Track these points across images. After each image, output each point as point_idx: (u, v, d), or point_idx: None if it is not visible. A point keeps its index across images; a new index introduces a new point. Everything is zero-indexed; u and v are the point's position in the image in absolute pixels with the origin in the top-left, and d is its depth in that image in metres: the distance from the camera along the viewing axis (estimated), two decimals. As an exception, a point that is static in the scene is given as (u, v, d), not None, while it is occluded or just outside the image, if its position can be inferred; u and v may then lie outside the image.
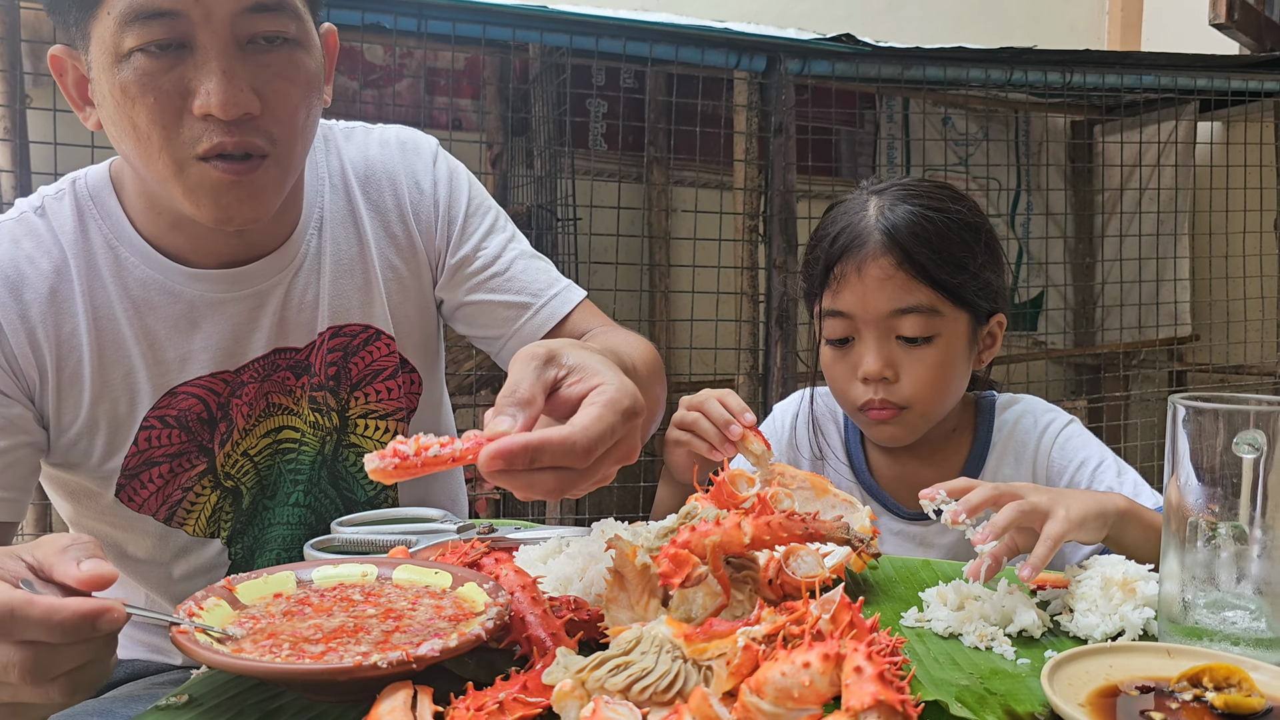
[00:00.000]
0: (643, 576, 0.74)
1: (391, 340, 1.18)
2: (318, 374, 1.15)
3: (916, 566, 1.00)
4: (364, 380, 1.18)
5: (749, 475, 0.82)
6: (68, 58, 1.00)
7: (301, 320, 1.13)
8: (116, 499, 1.09)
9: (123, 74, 0.92)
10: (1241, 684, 0.69)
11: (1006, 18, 3.79)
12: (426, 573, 0.81)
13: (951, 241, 1.21)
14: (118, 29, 0.91)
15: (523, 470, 0.67)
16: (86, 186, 1.09)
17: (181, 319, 1.08)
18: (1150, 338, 3.30)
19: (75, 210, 1.07)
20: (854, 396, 1.25)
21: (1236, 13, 2.98)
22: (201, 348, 1.08)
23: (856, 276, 1.21)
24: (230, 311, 1.09)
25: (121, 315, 1.06)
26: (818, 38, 2.58)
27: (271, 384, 1.13)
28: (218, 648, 0.67)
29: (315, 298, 1.14)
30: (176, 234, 1.07)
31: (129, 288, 1.07)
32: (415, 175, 1.20)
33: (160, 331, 1.07)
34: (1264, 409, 0.76)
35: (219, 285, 1.09)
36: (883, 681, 0.56)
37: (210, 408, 1.10)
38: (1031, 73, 2.77)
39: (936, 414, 1.26)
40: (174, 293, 1.07)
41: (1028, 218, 3.60)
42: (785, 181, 2.57)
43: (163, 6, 0.90)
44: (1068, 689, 0.69)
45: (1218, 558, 0.78)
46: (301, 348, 1.14)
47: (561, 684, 0.62)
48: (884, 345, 1.21)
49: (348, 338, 1.16)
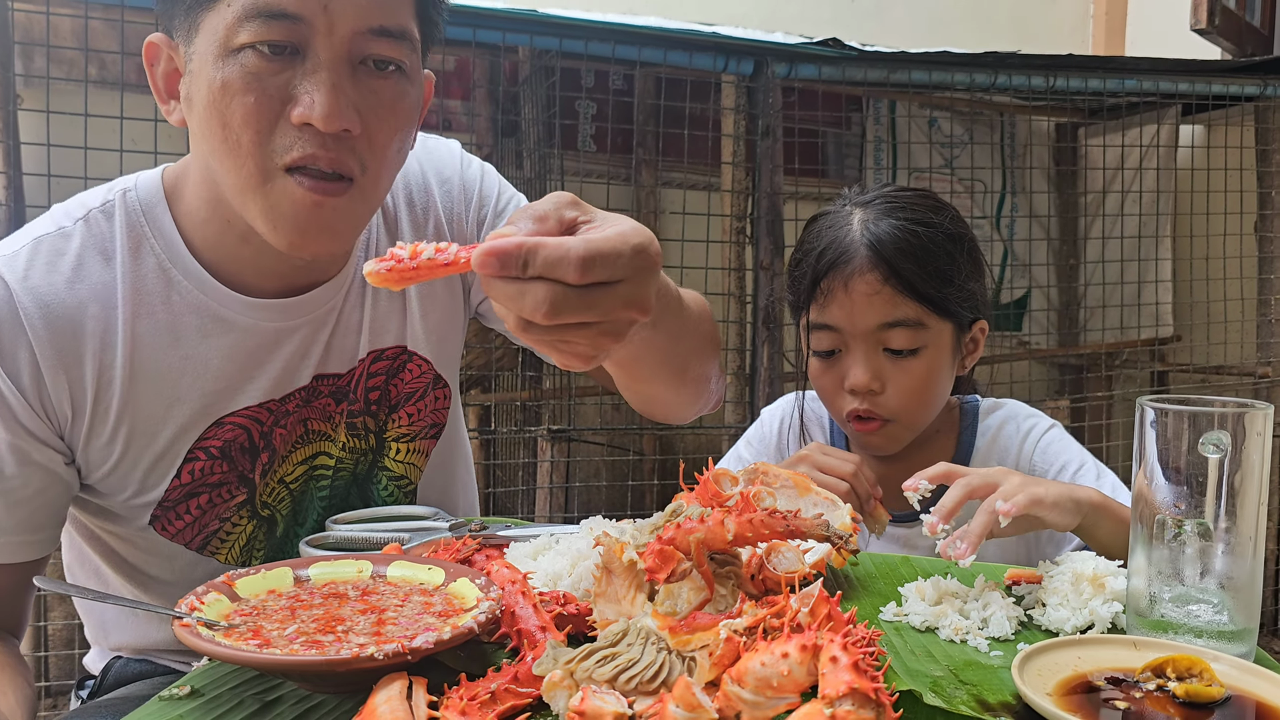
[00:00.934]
0: (629, 572, 0.76)
1: (425, 361, 1.17)
2: (358, 400, 1.12)
3: (896, 563, 1.02)
4: (400, 402, 1.16)
5: (732, 474, 0.85)
6: (165, 47, 0.95)
7: (346, 346, 1.10)
8: (149, 526, 1.06)
9: (228, 69, 0.88)
10: (1203, 674, 0.72)
11: (992, 21, 3.83)
12: (420, 569, 0.83)
13: (936, 255, 1.23)
14: (235, 22, 0.87)
15: (515, 278, 0.65)
16: (139, 199, 1.02)
17: (236, 349, 1.03)
18: (1133, 338, 3.34)
19: (126, 227, 1.01)
20: (841, 406, 1.27)
21: (1218, 18, 3.02)
22: (253, 379, 1.04)
23: (843, 292, 1.23)
24: (285, 342, 1.05)
25: (169, 344, 1.01)
26: (804, 41, 2.61)
27: (312, 410, 1.10)
28: (219, 640, 0.69)
29: (359, 322, 1.11)
30: (239, 252, 1.01)
31: (179, 314, 1.01)
32: (448, 184, 1.18)
33: (212, 361, 1.02)
34: (1228, 411, 0.79)
35: (277, 314, 1.04)
36: (857, 670, 0.58)
37: (253, 436, 1.06)
38: (1016, 76, 2.80)
39: (921, 423, 1.29)
40: (228, 321, 1.02)
41: (1012, 219, 3.63)
42: (772, 183, 2.60)
43: (288, 8, 0.87)
44: (1037, 679, 0.72)
45: (1183, 554, 0.81)
46: (344, 373, 1.11)
47: (551, 674, 0.64)
48: (871, 358, 1.23)
49: (388, 361, 1.14)
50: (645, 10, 3.20)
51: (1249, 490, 0.79)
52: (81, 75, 2.31)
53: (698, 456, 2.99)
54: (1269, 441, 0.80)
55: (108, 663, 1.21)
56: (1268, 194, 3.11)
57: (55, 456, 0.99)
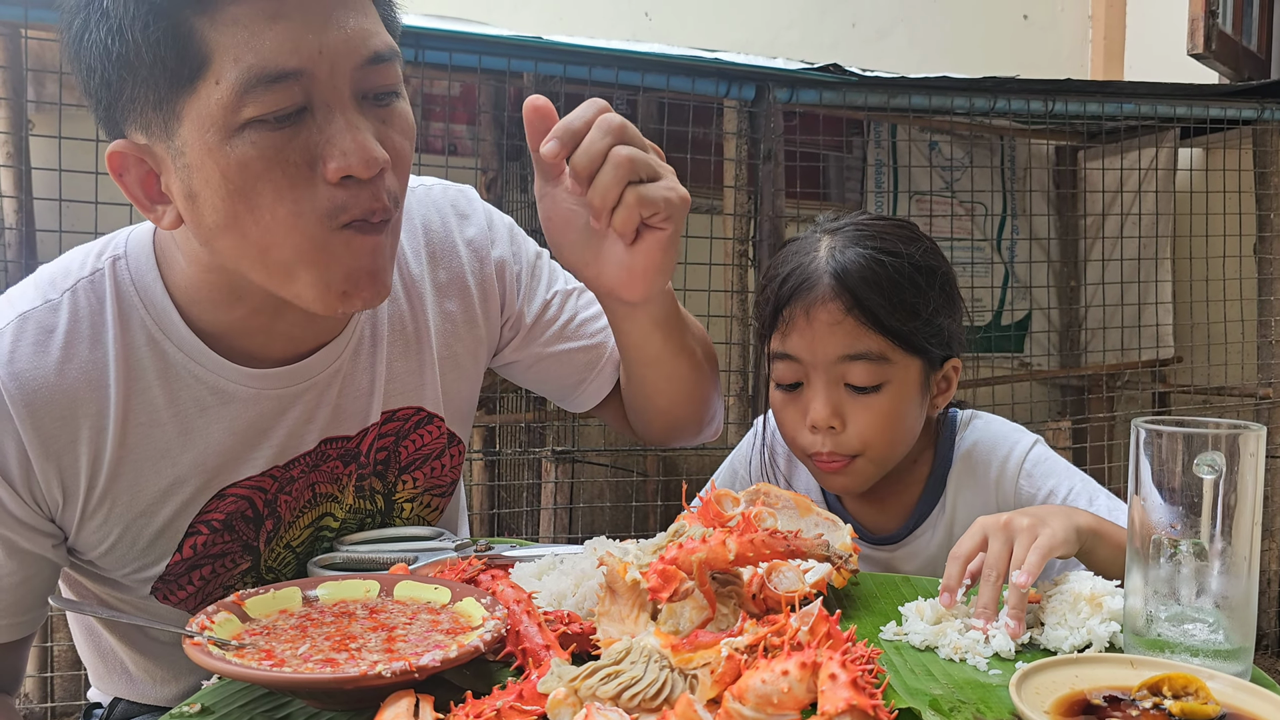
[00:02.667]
0: (633, 591, 0.77)
1: (442, 421, 1.13)
2: (366, 463, 1.08)
3: (897, 583, 1.04)
4: (413, 464, 1.12)
5: (734, 495, 0.86)
6: (130, 153, 0.87)
7: (356, 408, 1.06)
8: (150, 596, 1.03)
9: (238, 150, 0.82)
10: (1198, 693, 0.73)
11: (991, 47, 3.87)
12: (426, 588, 0.85)
13: (903, 287, 1.18)
14: (233, 99, 0.80)
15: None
16: (129, 269, 0.96)
17: (237, 420, 0.98)
18: (1134, 359, 3.35)
19: (116, 300, 0.95)
20: (804, 444, 1.22)
21: (1214, 43, 3.05)
22: (257, 448, 1.00)
23: (805, 320, 1.17)
24: (290, 409, 1.01)
25: (167, 420, 0.96)
26: (805, 67, 2.64)
27: (319, 474, 1.05)
28: (229, 658, 0.70)
29: (370, 383, 1.06)
30: (248, 323, 0.96)
31: (175, 390, 0.96)
32: (473, 243, 1.14)
33: (213, 435, 0.97)
34: (1222, 432, 0.81)
35: (279, 382, 0.99)
36: (856, 688, 0.60)
37: (257, 505, 1.02)
38: (1015, 101, 2.83)
39: (889, 461, 1.23)
40: (227, 393, 0.97)
41: (1013, 242, 3.65)
42: (774, 207, 2.62)
43: (288, 66, 0.81)
44: (1035, 697, 0.73)
45: (1179, 573, 0.82)
46: (353, 435, 1.06)
47: (555, 692, 0.66)
48: (832, 392, 1.18)
49: (400, 422, 1.09)
50: (648, 37, 3.24)
51: (1243, 510, 0.80)
52: (92, 101, 2.33)
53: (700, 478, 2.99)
54: (1262, 462, 0.81)
55: (112, 701, 1.19)
56: (1266, 216, 3.13)
57: (44, 541, 0.96)
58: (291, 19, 0.81)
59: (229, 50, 0.80)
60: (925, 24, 3.82)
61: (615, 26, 3.28)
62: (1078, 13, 4.07)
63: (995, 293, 3.61)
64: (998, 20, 3.95)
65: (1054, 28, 4.03)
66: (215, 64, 0.81)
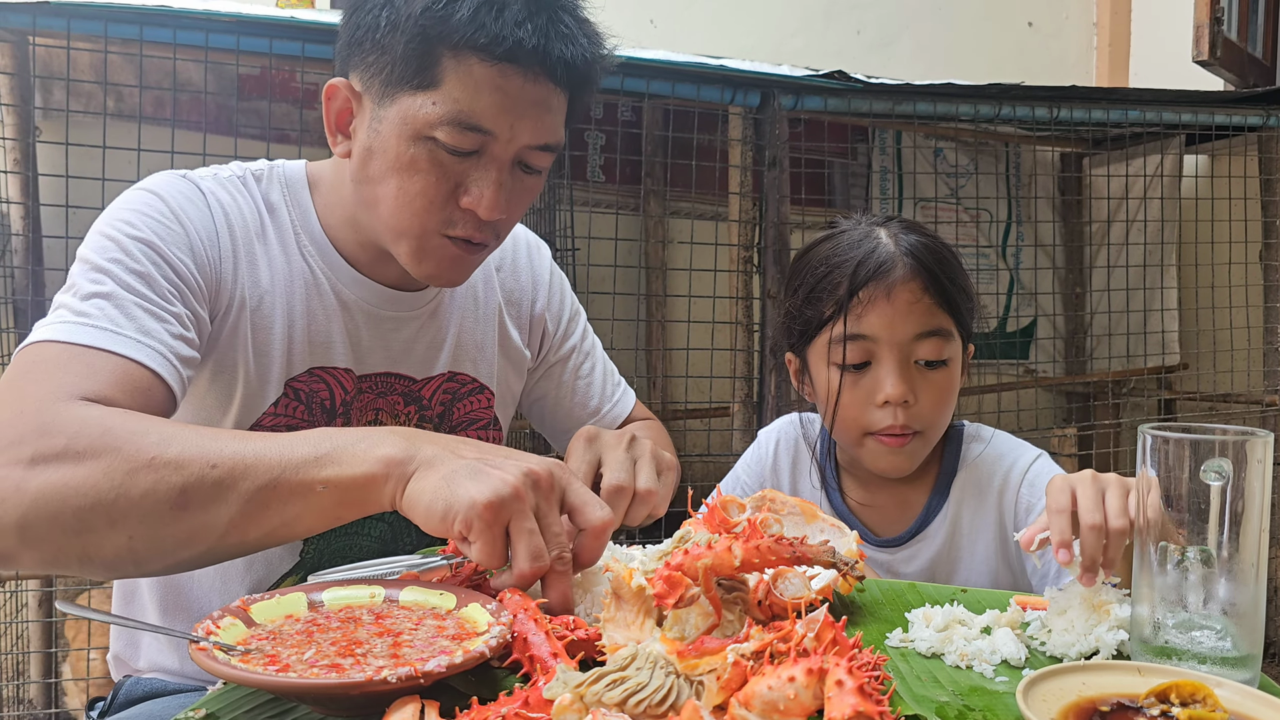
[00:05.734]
0: (638, 598, 0.77)
1: (493, 395, 1.32)
2: (429, 407, 1.26)
3: (903, 589, 1.03)
4: (461, 425, 1.29)
5: (740, 501, 0.86)
6: (345, 91, 1.10)
7: (427, 356, 1.25)
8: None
9: (417, 149, 1.05)
10: (1206, 700, 0.72)
11: (996, 54, 3.87)
12: (432, 594, 0.84)
13: (957, 270, 1.28)
14: (434, 119, 1.03)
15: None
16: (284, 175, 1.20)
17: (334, 313, 1.18)
18: (1139, 366, 3.35)
19: (276, 191, 1.19)
20: (869, 422, 1.26)
21: (1219, 50, 3.06)
22: (341, 342, 1.18)
23: (885, 301, 1.24)
24: (374, 322, 1.20)
25: (298, 289, 1.16)
26: (810, 74, 2.64)
27: (384, 403, 1.23)
28: (235, 663, 0.70)
29: (441, 341, 1.27)
30: (358, 248, 1.18)
31: (298, 272, 1.17)
32: (537, 277, 1.39)
33: (317, 316, 1.17)
34: (1229, 438, 0.80)
35: (374, 298, 1.20)
36: (863, 694, 0.60)
37: (335, 400, 1.19)
38: (1020, 108, 2.83)
39: (936, 440, 1.30)
40: (335, 290, 1.18)
41: (1018, 248, 3.65)
42: (779, 213, 2.62)
43: (484, 125, 1.04)
44: (1042, 705, 0.73)
45: (1186, 580, 0.82)
46: (418, 379, 1.25)
47: (561, 698, 0.65)
48: (905, 370, 1.24)
49: (459, 384, 1.29)
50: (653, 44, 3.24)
51: (1250, 517, 0.80)
52: (100, 108, 2.35)
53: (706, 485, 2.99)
54: (1269, 469, 0.81)
55: (118, 682, 1.23)
56: (1272, 223, 3.13)
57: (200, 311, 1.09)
58: (507, 94, 1.04)
59: (453, 90, 1.03)
60: (930, 31, 3.83)
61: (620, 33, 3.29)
62: (1083, 20, 4.07)
63: (1000, 299, 3.61)
64: (1003, 27, 3.95)
65: (1059, 35, 4.04)
66: (440, 90, 1.03)
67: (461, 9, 1.01)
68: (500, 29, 1.01)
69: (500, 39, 1.01)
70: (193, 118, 2.49)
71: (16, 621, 2.44)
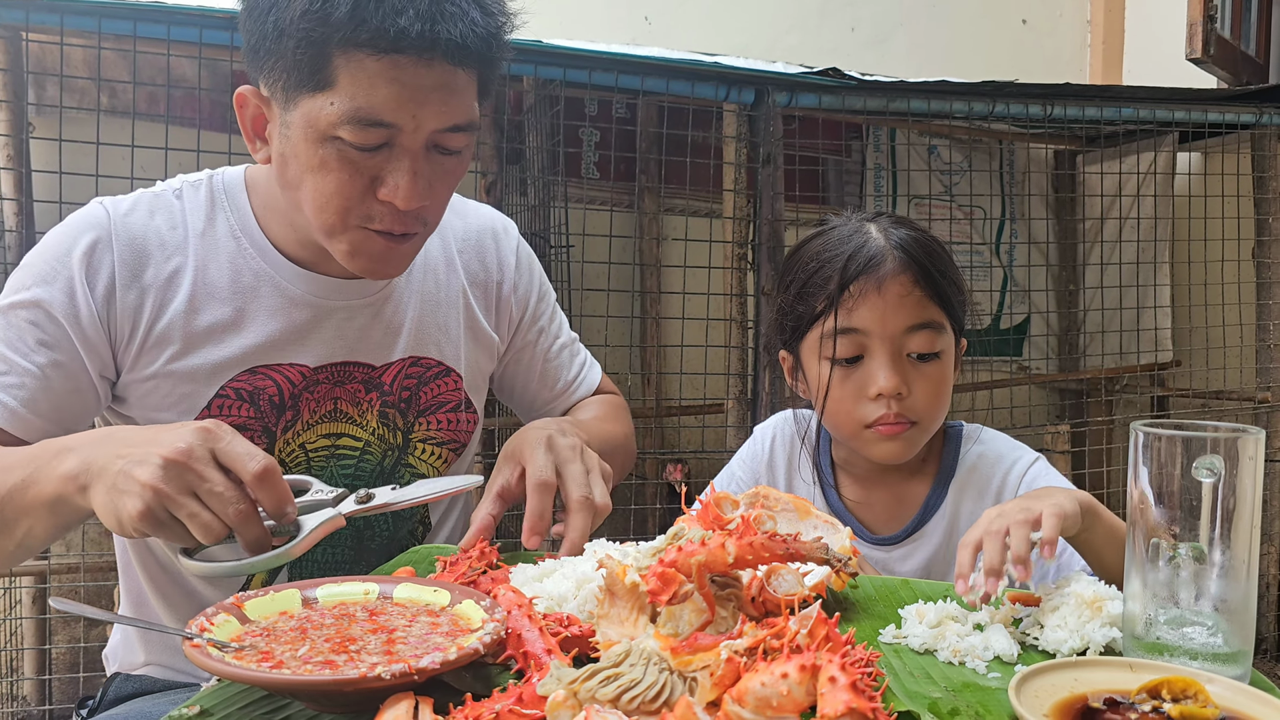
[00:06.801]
0: (632, 594, 0.78)
1: (460, 378, 1.31)
2: (391, 393, 1.26)
3: (896, 586, 1.04)
4: (430, 409, 1.29)
5: (733, 498, 0.86)
6: (254, 99, 1.09)
7: (384, 342, 1.25)
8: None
9: (325, 150, 1.04)
10: (1197, 696, 0.73)
11: (990, 51, 3.87)
12: (426, 591, 0.85)
13: (948, 263, 1.29)
14: (335, 119, 1.01)
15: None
16: (223, 182, 1.21)
17: (279, 310, 1.18)
18: (1132, 364, 3.36)
19: (209, 200, 1.20)
20: (862, 415, 1.26)
21: (1213, 48, 3.06)
22: (289, 339, 1.19)
23: (876, 294, 1.24)
24: (327, 320, 1.21)
25: (227, 296, 1.17)
26: (805, 71, 2.64)
27: (343, 391, 1.23)
28: (229, 660, 0.70)
29: (399, 326, 1.26)
30: (299, 246, 1.19)
31: (240, 275, 1.18)
32: (503, 260, 1.38)
33: (259, 316, 1.18)
34: (1220, 435, 0.81)
35: (321, 290, 1.20)
36: (855, 690, 0.60)
37: (284, 395, 1.19)
38: (1014, 105, 2.83)
39: (931, 432, 1.30)
40: (280, 287, 1.19)
41: (1012, 246, 3.66)
42: (773, 210, 2.62)
43: (384, 119, 1.02)
44: (1034, 701, 0.73)
45: (1178, 577, 0.82)
46: (377, 366, 1.25)
47: (555, 695, 0.65)
48: (897, 362, 1.25)
49: (423, 369, 1.28)
50: (648, 41, 3.25)
51: (1242, 514, 0.81)
52: (93, 104, 2.34)
53: (700, 481, 3.00)
54: (1261, 466, 0.81)
55: (108, 679, 1.23)
56: (1264, 220, 3.14)
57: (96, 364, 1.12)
58: (403, 85, 1.01)
59: (348, 88, 1.01)
60: (924, 28, 3.83)
61: (615, 31, 3.28)
62: (1077, 17, 4.07)
63: (994, 296, 3.62)
64: (997, 25, 3.95)
65: (1053, 32, 4.04)
66: (336, 90, 1.01)
67: (339, 7, 0.98)
68: (381, 21, 0.98)
69: (383, 31, 0.98)
70: (187, 113, 2.48)
71: (10, 618, 2.44)
